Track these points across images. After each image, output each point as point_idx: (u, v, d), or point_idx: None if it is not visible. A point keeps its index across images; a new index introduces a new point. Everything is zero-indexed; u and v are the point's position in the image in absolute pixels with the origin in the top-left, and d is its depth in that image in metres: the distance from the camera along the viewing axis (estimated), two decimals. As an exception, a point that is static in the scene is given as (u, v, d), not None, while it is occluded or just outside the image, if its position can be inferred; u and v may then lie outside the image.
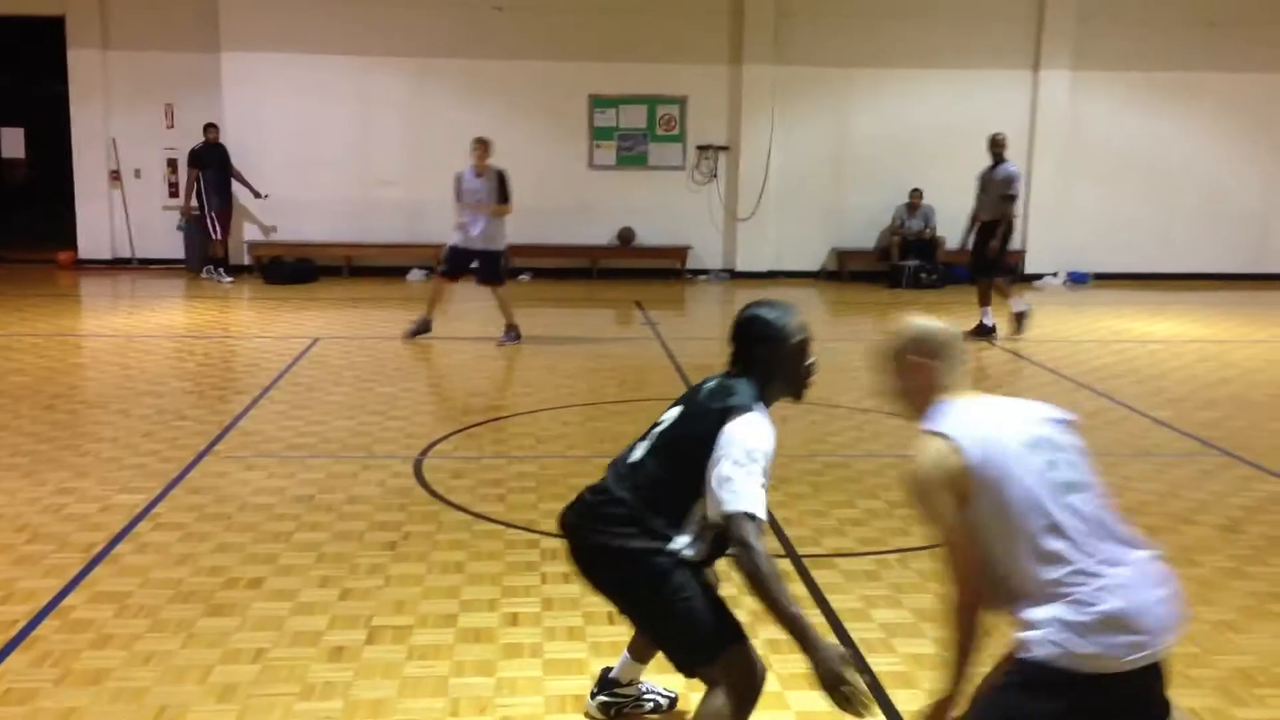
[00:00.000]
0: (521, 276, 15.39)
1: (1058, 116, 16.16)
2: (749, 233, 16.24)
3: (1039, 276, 16.29)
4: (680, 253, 16.24)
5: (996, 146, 11.47)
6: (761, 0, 15.72)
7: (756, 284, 15.61)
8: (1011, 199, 11.32)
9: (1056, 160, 16.21)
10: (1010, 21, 16.00)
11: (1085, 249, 16.38)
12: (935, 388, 2.86)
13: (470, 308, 11.95)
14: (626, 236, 16.10)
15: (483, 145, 10.64)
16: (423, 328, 10.74)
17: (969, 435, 2.71)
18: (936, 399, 2.84)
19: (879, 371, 3.00)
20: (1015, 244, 13.40)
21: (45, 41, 15.25)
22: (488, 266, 10.76)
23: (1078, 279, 16.39)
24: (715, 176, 16.22)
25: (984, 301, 11.46)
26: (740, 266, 16.26)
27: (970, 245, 11.72)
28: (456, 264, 10.77)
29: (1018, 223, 12.81)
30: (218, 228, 14.81)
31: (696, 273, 16.28)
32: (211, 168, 14.69)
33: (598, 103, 15.98)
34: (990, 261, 11.34)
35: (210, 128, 14.74)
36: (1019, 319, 11.54)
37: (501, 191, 10.55)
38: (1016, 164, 11.83)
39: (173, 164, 15.37)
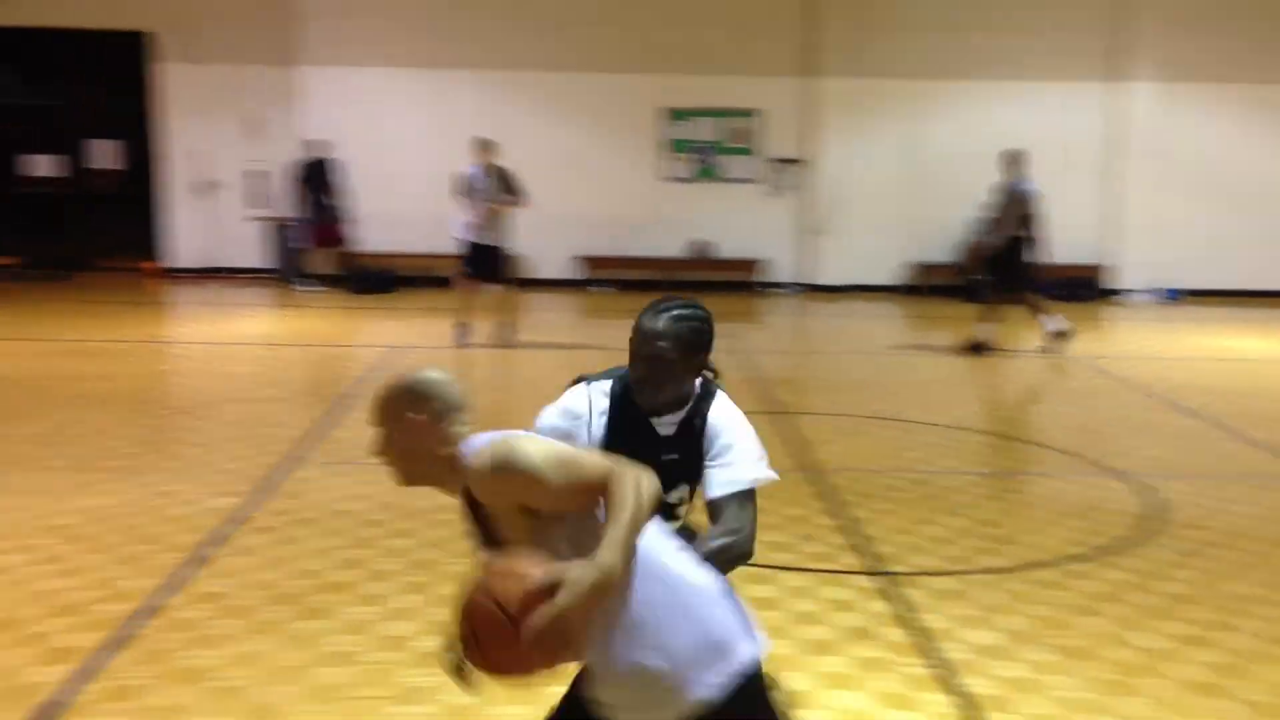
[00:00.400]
0: (601, 288, 15.49)
1: (1142, 128, 15.92)
2: (824, 246, 16.19)
3: (1129, 293, 16.05)
4: (754, 266, 16.24)
5: (1013, 163, 11.17)
6: (835, 13, 15.70)
7: (832, 298, 15.56)
8: (1028, 218, 11.01)
9: (1143, 173, 15.97)
10: (1087, 32, 15.82)
11: (1174, 265, 16.11)
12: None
13: (547, 317, 12.04)
14: (698, 249, 16.14)
15: (486, 145, 11.02)
16: (467, 335, 10.90)
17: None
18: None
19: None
20: (1094, 258, 13.20)
21: (133, 56, 15.64)
22: (500, 263, 10.98)
23: (1166, 295, 16.11)
24: (788, 189, 16.20)
25: (1037, 310, 11.32)
26: (817, 279, 16.22)
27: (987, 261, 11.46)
28: (481, 262, 10.97)
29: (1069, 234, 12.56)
30: (321, 239, 15.10)
31: (770, 286, 16.26)
32: (315, 181, 14.97)
33: (674, 115, 16.05)
34: (1019, 277, 11.16)
35: (314, 143, 14.98)
36: (1057, 336, 11.31)
37: (512, 186, 10.88)
38: (1035, 182, 11.32)
39: (255, 176, 15.67)
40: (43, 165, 16.72)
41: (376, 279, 15.07)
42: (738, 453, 2.99)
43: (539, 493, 2.31)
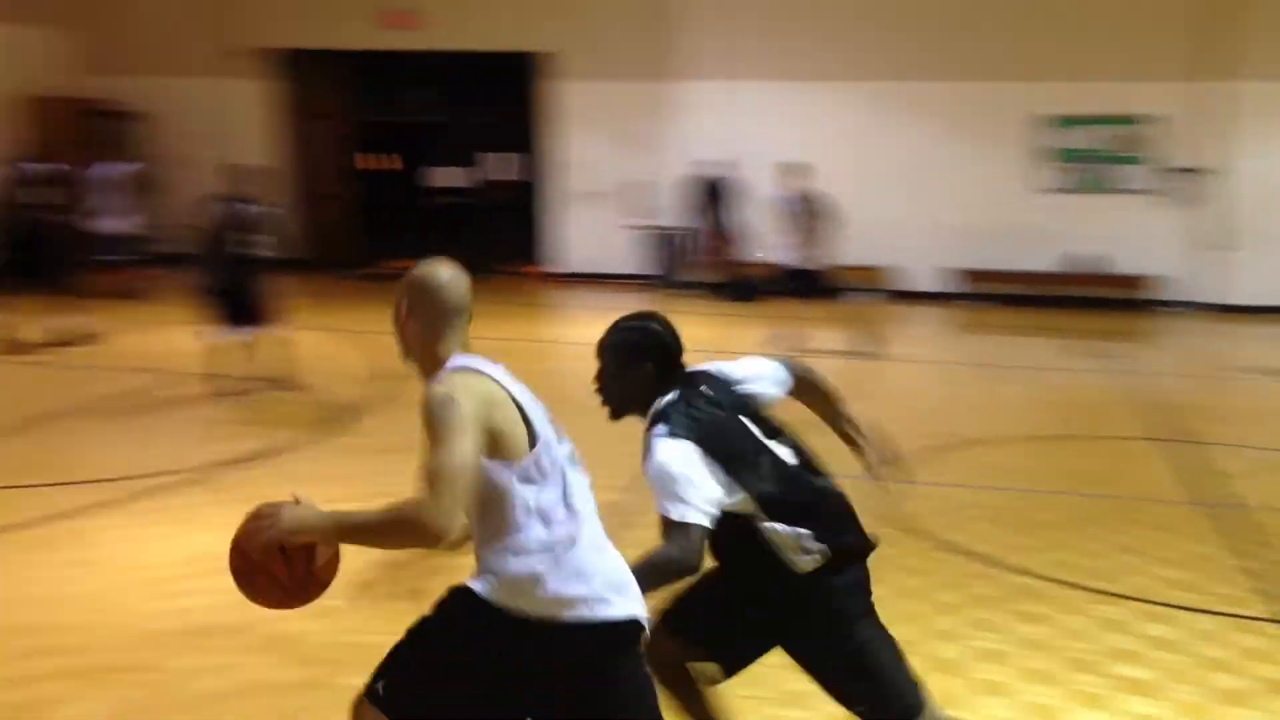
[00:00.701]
0: (971, 301, 15.04)
1: None
2: (1238, 262, 14.82)
3: None
4: (1141, 282, 15.20)
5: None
6: (1253, 14, 14.42)
7: (1247, 319, 14.24)
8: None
9: None
10: None
11: None
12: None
13: (914, 330, 11.83)
14: (1078, 263, 15.30)
15: (796, 169, 11.27)
16: (790, 342, 10.93)
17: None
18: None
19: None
20: None
21: (529, 74, 16.73)
22: (816, 282, 11.09)
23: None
24: (1188, 200, 15.03)
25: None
26: (1227, 299, 14.84)
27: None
28: (797, 282, 11.16)
29: None
30: (713, 251, 15.62)
31: (1162, 304, 15.15)
32: (710, 194, 15.49)
33: (1054, 122, 15.33)
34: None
35: (710, 163, 15.44)
36: None
37: (822, 210, 11.02)
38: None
39: (635, 186, 16.34)
40: (447, 177, 18.24)
41: (746, 287, 15.32)
42: (654, 488, 3.03)
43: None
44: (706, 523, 2.95)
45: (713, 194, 15.48)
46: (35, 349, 10.40)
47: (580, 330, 13.21)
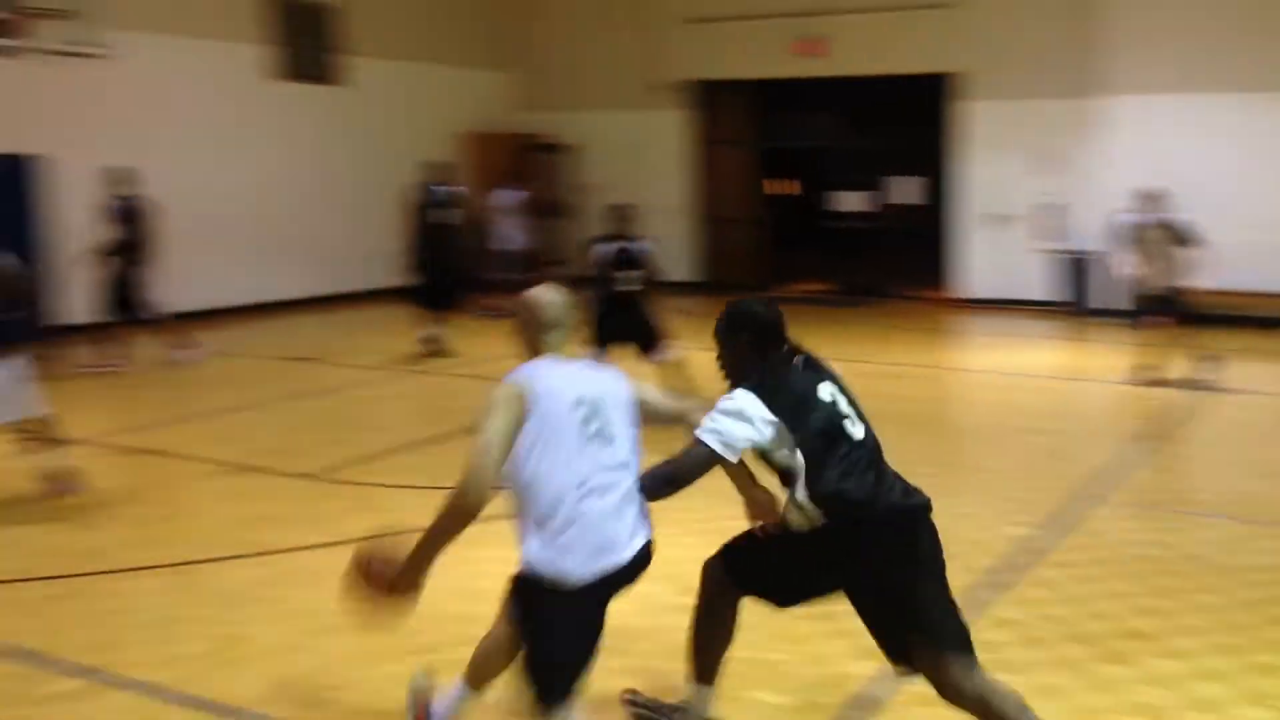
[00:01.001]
0: None
1: None
2: None
3: None
4: None
5: None
6: None
7: None
8: None
9: None
10: None
11: None
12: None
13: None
14: None
15: (1154, 195, 10.53)
16: (1150, 375, 10.19)
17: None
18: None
19: None
20: None
21: (934, 96, 16.42)
22: (1170, 305, 10.31)
23: None
24: None
25: None
26: None
27: None
28: (1156, 306, 10.42)
29: None
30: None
31: None
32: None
33: None
34: None
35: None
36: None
37: (1185, 236, 10.24)
38: None
39: (1046, 209, 15.61)
40: (851, 201, 18.24)
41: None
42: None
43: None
44: (718, 448, 3.47)
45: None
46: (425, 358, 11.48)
47: (986, 357, 12.76)
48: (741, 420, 3.48)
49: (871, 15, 16.42)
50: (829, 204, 18.55)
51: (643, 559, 3.47)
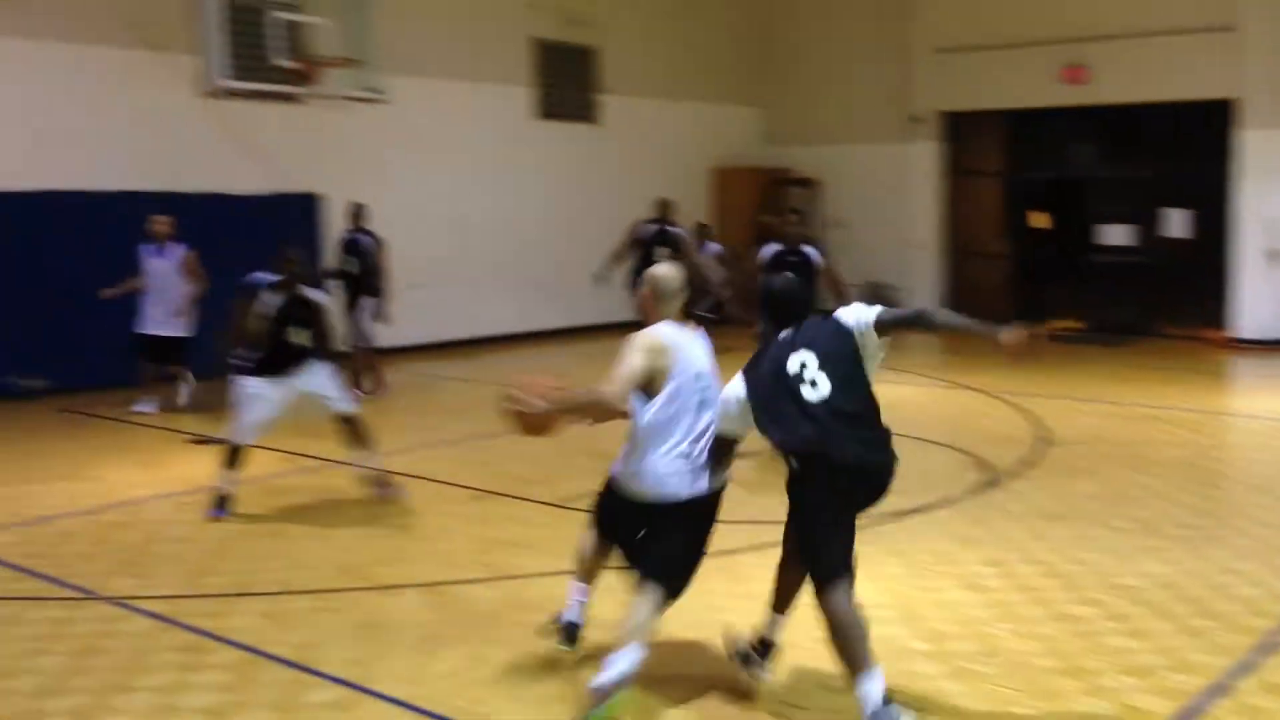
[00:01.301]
0: None
1: None
2: None
3: None
4: None
5: None
6: None
7: None
8: None
9: None
10: None
11: None
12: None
13: None
14: None
15: None
16: None
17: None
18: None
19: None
20: None
21: (1213, 124, 15.45)
22: None
23: None
24: None
25: None
26: None
27: None
28: None
29: None
30: None
31: None
32: None
33: None
34: None
35: None
36: None
37: None
38: None
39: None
40: (1116, 235, 17.32)
41: None
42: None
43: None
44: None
45: None
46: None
47: (1263, 402, 11.77)
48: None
49: (1140, 40, 15.71)
50: (1092, 237, 17.69)
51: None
